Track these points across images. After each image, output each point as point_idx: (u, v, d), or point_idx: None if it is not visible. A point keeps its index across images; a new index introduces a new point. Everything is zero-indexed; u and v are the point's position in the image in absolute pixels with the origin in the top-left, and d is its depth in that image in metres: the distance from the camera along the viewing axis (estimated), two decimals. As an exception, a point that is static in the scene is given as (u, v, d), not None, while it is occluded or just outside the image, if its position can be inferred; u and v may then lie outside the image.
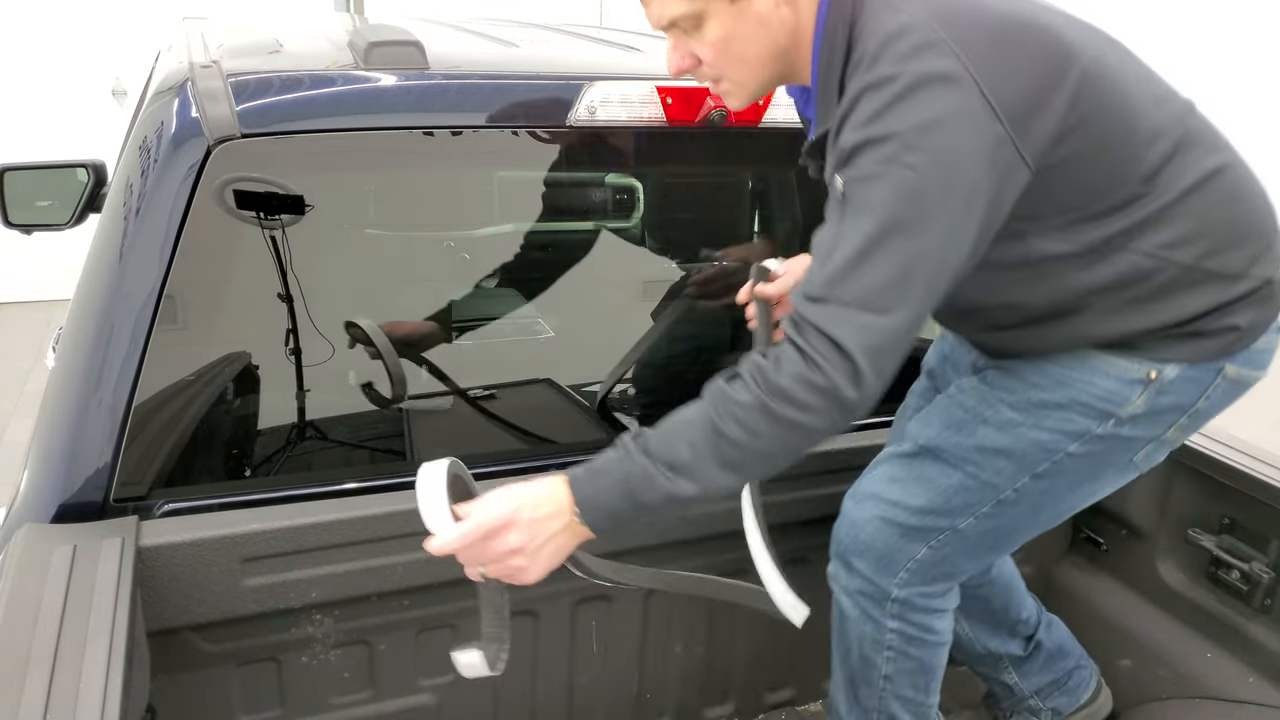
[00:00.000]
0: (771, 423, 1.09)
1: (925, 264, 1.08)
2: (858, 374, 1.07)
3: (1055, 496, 1.39)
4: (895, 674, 1.54)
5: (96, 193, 2.20)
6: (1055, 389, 1.33)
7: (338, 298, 1.57)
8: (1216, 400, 1.33)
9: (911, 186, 1.06)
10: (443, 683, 1.69)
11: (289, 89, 1.44)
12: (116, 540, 1.32)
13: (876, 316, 1.07)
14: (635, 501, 1.15)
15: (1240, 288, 1.26)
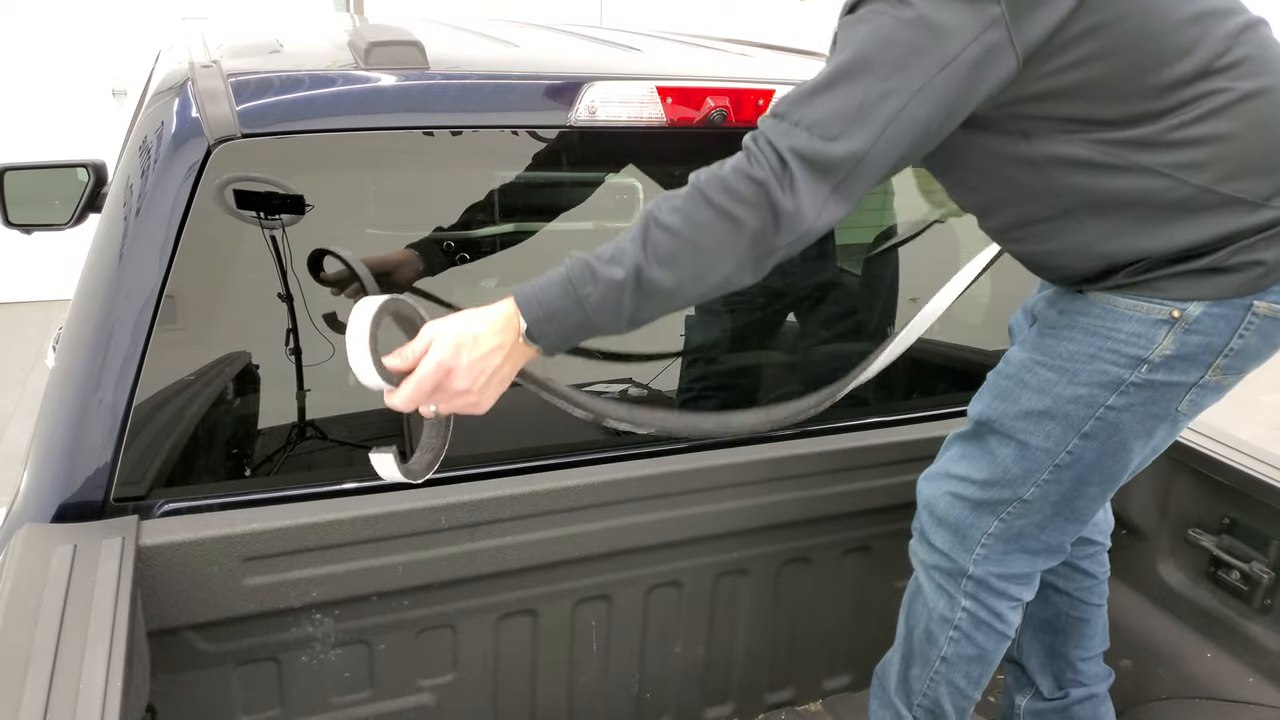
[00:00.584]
0: (703, 206, 1.13)
1: (883, 106, 1.12)
2: (792, 180, 1.12)
3: (1110, 456, 1.37)
4: (954, 657, 1.54)
5: (96, 193, 2.20)
6: (1084, 340, 1.33)
7: (338, 298, 1.56)
8: (1257, 339, 1.29)
9: (888, 33, 1.12)
10: (443, 683, 1.69)
11: (289, 89, 1.44)
12: (116, 540, 1.32)
13: (822, 141, 1.12)
14: (576, 296, 1.15)
15: (1262, 217, 1.22)
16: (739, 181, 1.13)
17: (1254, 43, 1.23)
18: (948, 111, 1.17)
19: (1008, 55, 1.15)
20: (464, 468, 1.58)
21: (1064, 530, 1.47)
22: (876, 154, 1.14)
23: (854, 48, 1.13)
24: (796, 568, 1.88)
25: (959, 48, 1.12)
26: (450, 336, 1.16)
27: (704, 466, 1.70)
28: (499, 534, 1.58)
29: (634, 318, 1.18)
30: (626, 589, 1.75)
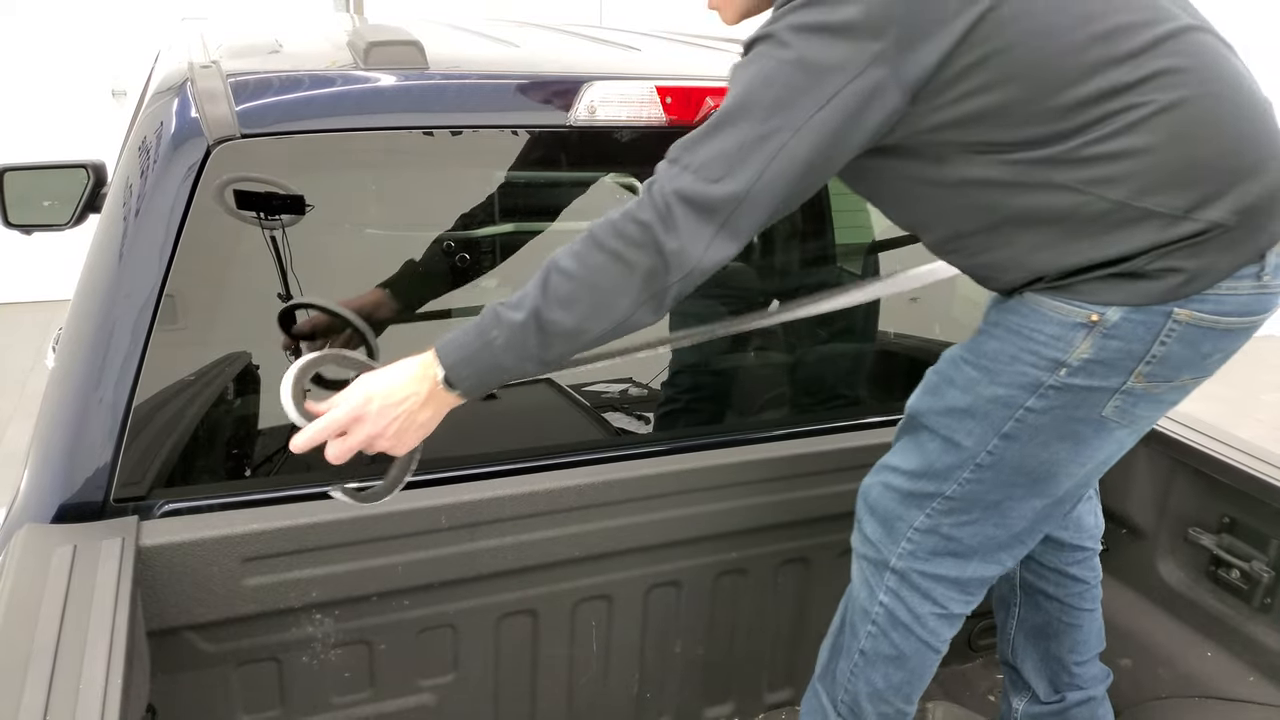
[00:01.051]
0: (596, 250, 1.20)
1: (763, 147, 1.16)
2: (675, 221, 1.17)
3: (1035, 461, 1.36)
4: (871, 653, 1.52)
5: (96, 193, 2.20)
6: (1007, 339, 1.33)
7: (338, 297, 1.57)
8: (1180, 347, 1.27)
9: (769, 74, 1.17)
10: (443, 683, 1.69)
11: (289, 89, 1.44)
12: (116, 540, 1.32)
13: (705, 183, 1.17)
14: (485, 340, 1.23)
15: (1181, 229, 1.21)
16: (627, 224, 1.19)
17: (1177, 52, 1.20)
18: (833, 148, 1.20)
19: (891, 92, 1.18)
20: (464, 468, 1.58)
21: (993, 536, 1.44)
22: (758, 193, 1.18)
23: (737, 91, 1.19)
24: (796, 568, 1.88)
25: (839, 86, 1.16)
26: (363, 387, 1.26)
27: (704, 466, 1.70)
28: (499, 534, 1.58)
29: (543, 358, 1.24)
30: (626, 589, 1.75)
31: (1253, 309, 1.28)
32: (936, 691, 2.08)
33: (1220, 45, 1.26)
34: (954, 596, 1.49)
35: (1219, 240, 1.21)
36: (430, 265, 1.64)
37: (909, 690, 1.54)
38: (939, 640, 1.51)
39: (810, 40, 1.16)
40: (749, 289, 1.93)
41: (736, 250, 1.21)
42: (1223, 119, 1.21)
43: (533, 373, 1.28)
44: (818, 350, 1.99)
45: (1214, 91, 1.21)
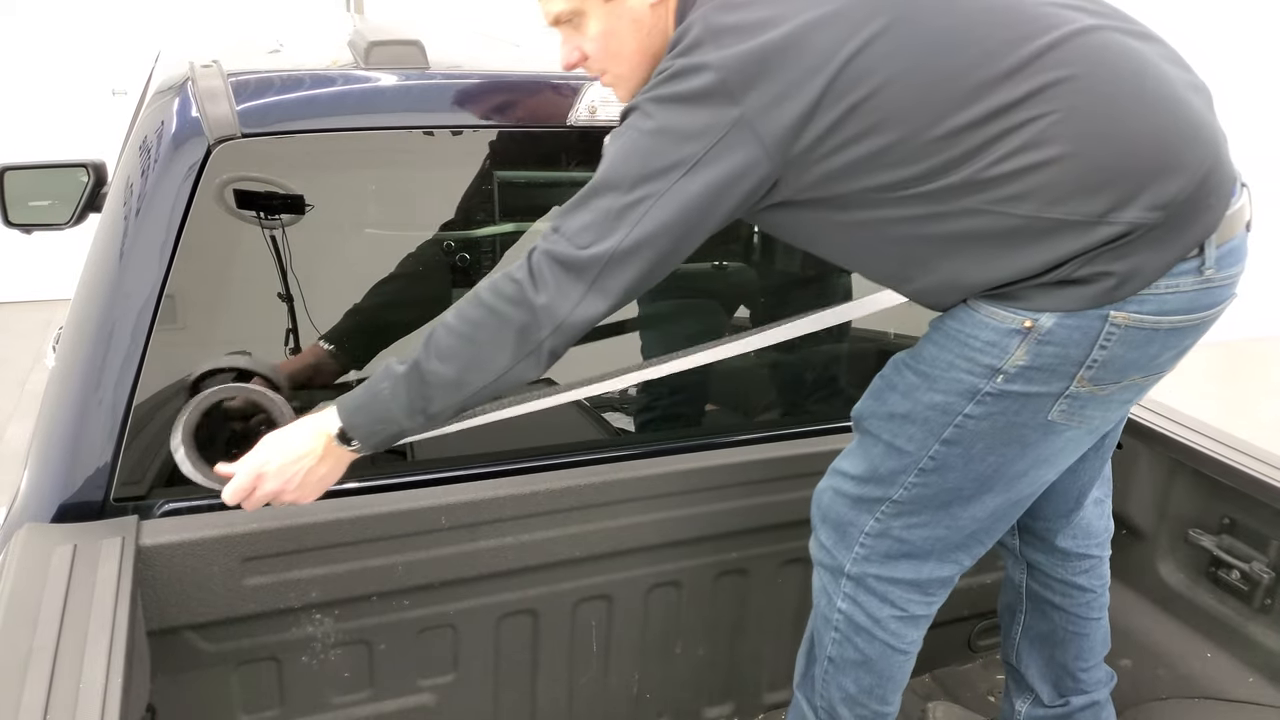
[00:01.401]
0: (476, 305, 1.27)
1: (629, 214, 1.21)
2: (545, 279, 1.23)
3: (981, 464, 1.36)
4: (839, 659, 1.52)
5: (96, 193, 2.20)
6: (945, 345, 1.32)
7: (338, 298, 1.56)
8: (1123, 349, 1.26)
9: (634, 145, 1.22)
10: (443, 683, 1.69)
11: (289, 88, 1.44)
12: (116, 540, 1.32)
13: (575, 248, 1.22)
14: (375, 391, 1.30)
15: (1100, 233, 1.19)
16: (504, 282, 1.25)
17: (1063, 61, 1.19)
18: (700, 211, 1.22)
19: (755, 155, 1.21)
20: (464, 468, 1.58)
21: (945, 537, 1.43)
22: (623, 255, 1.22)
23: (607, 162, 1.24)
24: (796, 568, 1.88)
25: (699, 152, 1.20)
26: (263, 447, 1.33)
27: (704, 466, 1.70)
28: (499, 534, 1.58)
29: (427, 410, 1.29)
30: (626, 589, 1.75)
31: (1198, 305, 1.26)
32: (937, 691, 2.08)
33: (1127, 41, 1.23)
34: (912, 598, 1.47)
35: (1145, 239, 1.19)
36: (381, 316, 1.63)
37: (882, 691, 1.53)
38: (903, 642, 1.50)
39: (670, 110, 1.21)
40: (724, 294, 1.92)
41: (607, 308, 1.25)
42: (1123, 119, 1.19)
43: (424, 427, 1.33)
44: (795, 352, 1.99)
45: (1110, 93, 1.19)
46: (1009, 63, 1.19)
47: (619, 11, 1.32)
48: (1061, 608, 1.69)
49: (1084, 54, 1.20)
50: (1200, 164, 1.20)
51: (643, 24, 1.32)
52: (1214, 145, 1.22)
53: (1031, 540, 1.68)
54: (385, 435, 1.32)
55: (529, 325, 1.24)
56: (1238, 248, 1.28)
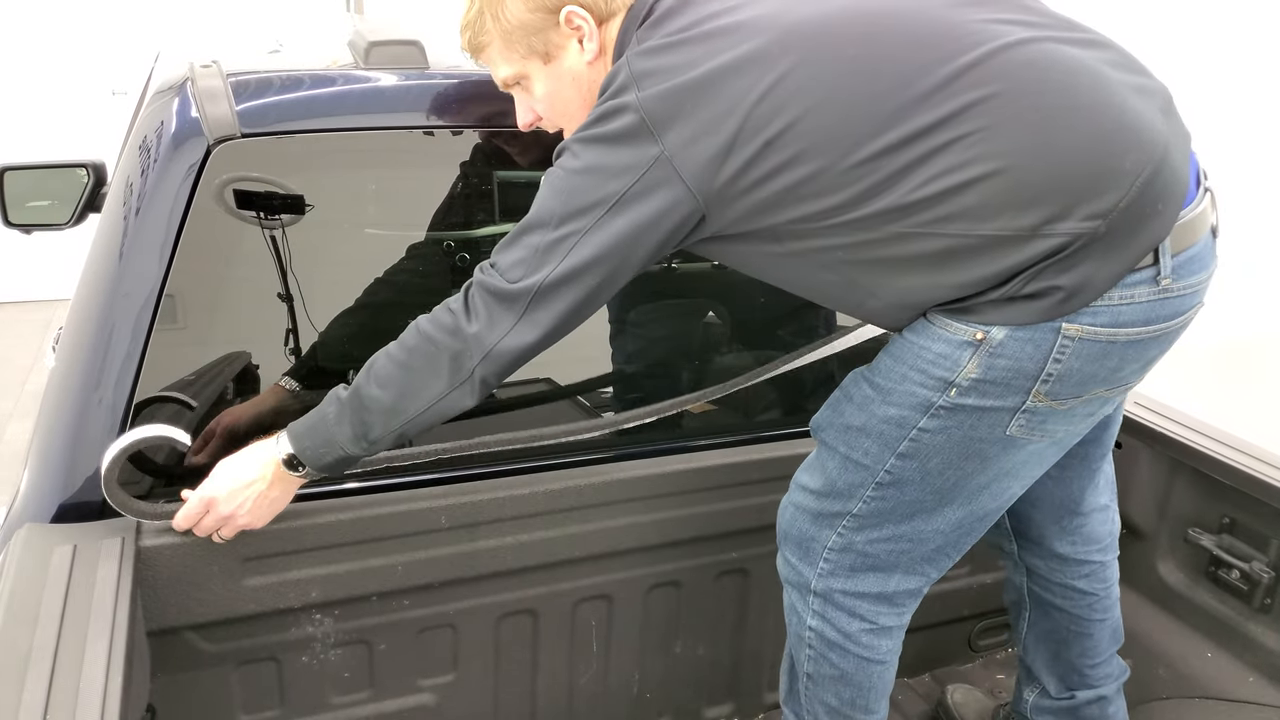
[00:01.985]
0: (413, 333, 1.31)
1: (556, 250, 1.25)
2: (477, 310, 1.28)
3: (939, 479, 1.34)
4: (816, 675, 1.51)
5: (96, 192, 2.20)
6: (900, 357, 1.31)
7: (338, 298, 1.56)
8: (1079, 363, 1.23)
9: (557, 185, 1.27)
10: (443, 683, 1.69)
11: (289, 88, 1.44)
12: (116, 540, 1.32)
13: (506, 282, 1.27)
14: (322, 414, 1.34)
15: (1038, 247, 1.17)
16: (441, 313, 1.31)
17: (985, 79, 1.18)
18: (626, 247, 1.25)
19: (678, 190, 1.23)
20: (464, 468, 1.58)
21: (910, 551, 1.42)
22: (550, 288, 1.26)
23: (539, 200, 1.29)
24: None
25: (622, 189, 1.23)
26: (214, 475, 1.36)
27: (704, 466, 1.70)
28: (499, 534, 1.58)
29: (369, 436, 1.32)
30: (626, 589, 1.75)
31: (1157, 316, 1.24)
32: (937, 691, 2.08)
33: (1064, 49, 1.21)
34: (881, 611, 1.46)
35: (1088, 250, 1.17)
36: None
37: (864, 701, 1.52)
38: (877, 653, 1.48)
39: (595, 150, 1.25)
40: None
41: (536, 338, 1.28)
42: (1051, 131, 1.17)
43: (367, 452, 1.35)
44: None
45: (1034, 105, 1.18)
46: (925, 85, 1.18)
47: (558, 73, 1.38)
48: (1064, 610, 1.68)
49: (1007, 69, 1.19)
50: (1140, 169, 1.17)
51: (582, 80, 1.38)
52: (1158, 148, 1.18)
53: (1028, 546, 1.67)
54: (331, 459, 1.34)
55: (461, 353, 1.28)
56: (1200, 254, 1.26)
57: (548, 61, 1.37)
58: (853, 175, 1.20)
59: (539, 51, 1.36)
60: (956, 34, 1.21)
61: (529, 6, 1.33)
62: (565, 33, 1.35)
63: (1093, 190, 1.16)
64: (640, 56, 1.26)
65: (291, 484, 1.38)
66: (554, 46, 1.36)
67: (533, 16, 1.34)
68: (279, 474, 1.35)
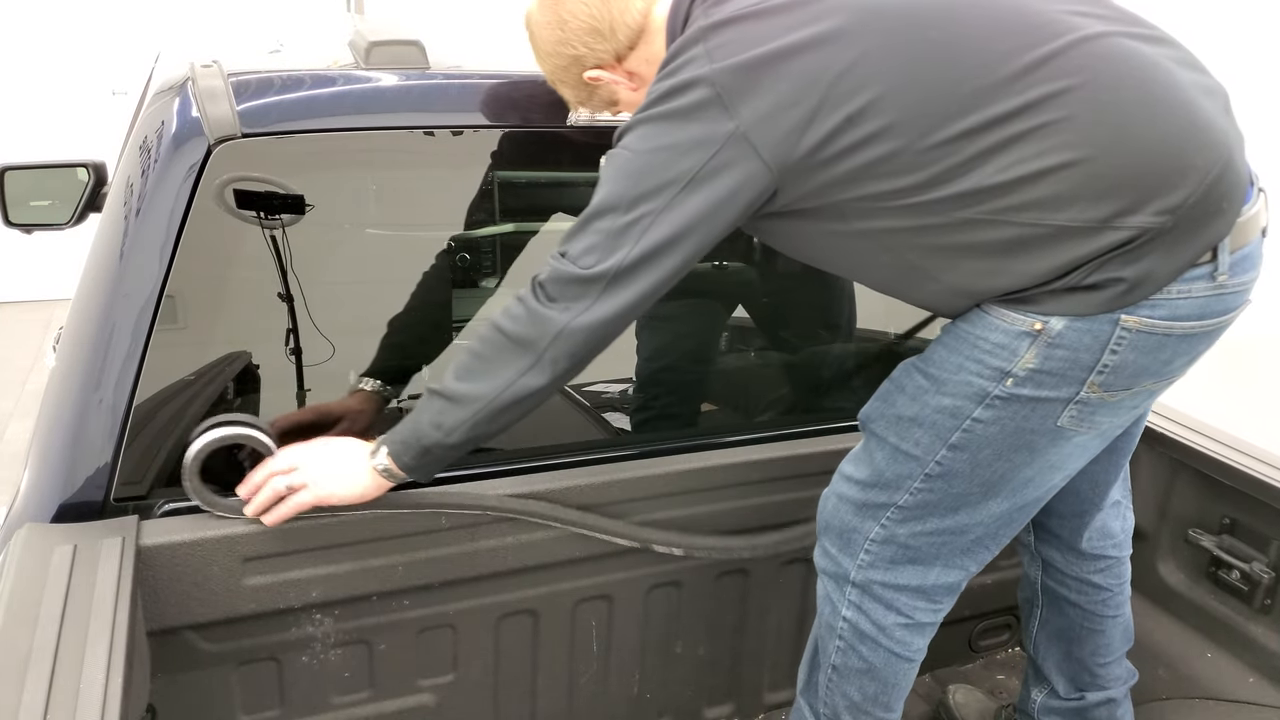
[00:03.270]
0: (487, 327, 1.33)
1: (630, 232, 1.24)
2: (548, 293, 1.28)
3: (988, 470, 1.35)
4: (843, 668, 1.51)
5: (97, 192, 2.20)
6: (955, 347, 1.32)
7: (338, 298, 1.56)
8: (1134, 355, 1.24)
9: (625, 168, 1.26)
10: (443, 683, 1.69)
11: (289, 88, 1.44)
12: (116, 540, 1.32)
13: (580, 269, 1.26)
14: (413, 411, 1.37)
15: (1106, 239, 1.18)
16: (512, 303, 1.32)
17: (1069, 69, 1.19)
18: (702, 222, 1.25)
19: (754, 165, 1.23)
20: (465, 468, 1.58)
21: (952, 543, 1.43)
22: (626, 271, 1.26)
23: (602, 184, 1.28)
24: (797, 568, 1.88)
25: (696, 166, 1.22)
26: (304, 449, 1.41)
27: (704, 466, 1.70)
28: (499, 534, 1.58)
29: (445, 423, 1.33)
30: (626, 589, 1.75)
31: (1211, 311, 1.25)
32: (937, 691, 2.08)
33: (1136, 45, 1.22)
34: (919, 605, 1.47)
35: (1154, 244, 1.19)
36: None
37: (887, 699, 1.52)
38: (909, 650, 1.49)
39: (664, 128, 1.24)
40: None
41: (611, 315, 1.27)
42: (1127, 126, 1.19)
43: (445, 443, 1.35)
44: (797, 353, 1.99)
45: (1113, 100, 1.19)
46: (1006, 72, 1.19)
47: (602, 93, 1.46)
48: (1078, 605, 1.68)
49: (1087, 61, 1.20)
50: (1209, 168, 1.19)
51: (639, 81, 1.43)
52: (1225, 148, 1.21)
53: (1046, 538, 1.67)
54: (416, 450, 1.36)
55: (532, 337, 1.28)
56: (1252, 254, 1.27)
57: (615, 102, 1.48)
58: (930, 156, 1.20)
59: (605, 100, 1.47)
60: (1037, 23, 1.22)
61: (570, 85, 1.46)
62: (602, 85, 1.44)
63: (1165, 186, 1.18)
64: (713, 29, 1.25)
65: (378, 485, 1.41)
66: (607, 93, 1.46)
67: (575, 92, 1.47)
68: (368, 470, 1.39)
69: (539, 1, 1.44)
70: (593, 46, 1.40)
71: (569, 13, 1.39)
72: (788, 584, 1.90)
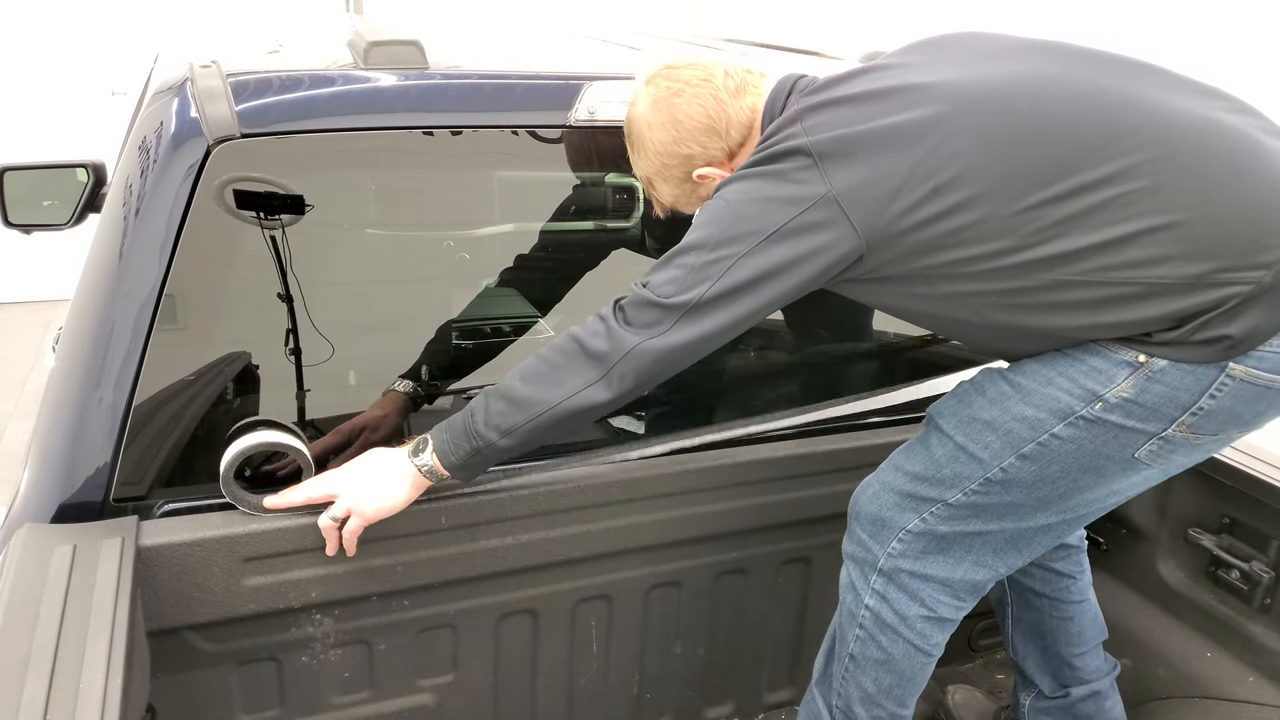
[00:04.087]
0: (564, 338, 1.36)
1: (711, 270, 1.29)
2: (625, 316, 1.33)
3: (1050, 486, 1.36)
4: (860, 657, 1.52)
5: (96, 193, 2.20)
6: (1051, 360, 1.33)
7: (338, 298, 1.57)
8: (1231, 402, 1.26)
9: (717, 215, 1.31)
10: (443, 683, 1.69)
11: (289, 88, 1.44)
12: (116, 540, 1.32)
13: (659, 297, 1.31)
14: (462, 413, 1.39)
15: (1203, 297, 1.21)
16: (592, 319, 1.36)
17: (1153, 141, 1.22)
18: (781, 275, 1.29)
19: (843, 229, 1.27)
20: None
21: (989, 544, 1.45)
22: (703, 305, 1.30)
23: (691, 231, 1.33)
24: (797, 568, 1.88)
25: (784, 220, 1.27)
26: (343, 470, 1.42)
27: (704, 466, 1.70)
28: (499, 534, 1.58)
29: (504, 424, 1.35)
30: (626, 589, 1.75)
31: None
32: (936, 690, 2.08)
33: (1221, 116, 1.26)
34: (942, 599, 1.48)
35: (1256, 301, 1.21)
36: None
37: (900, 693, 1.53)
38: (928, 643, 1.50)
39: (761, 183, 1.30)
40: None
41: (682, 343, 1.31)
42: (1214, 191, 1.22)
43: (498, 444, 1.36)
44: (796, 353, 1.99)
45: (1198, 167, 1.22)
46: (1092, 142, 1.23)
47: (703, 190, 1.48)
48: (1043, 594, 1.70)
49: (1171, 132, 1.24)
50: None
51: None
52: None
53: None
54: (466, 451, 1.37)
55: (604, 352, 1.32)
56: None
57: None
58: (1017, 221, 1.24)
59: (704, 198, 1.45)
60: (1120, 98, 1.28)
61: (672, 183, 1.48)
62: (706, 183, 1.46)
63: (1258, 246, 1.21)
64: (810, 111, 1.32)
65: (418, 486, 1.42)
66: (708, 191, 1.45)
67: (675, 189, 1.50)
68: (409, 472, 1.40)
69: (649, 103, 1.45)
70: (706, 145, 1.44)
71: (684, 114, 1.42)
72: (787, 584, 1.90)
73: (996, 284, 1.28)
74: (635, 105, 1.47)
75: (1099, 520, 1.98)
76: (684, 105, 1.43)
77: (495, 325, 1.70)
